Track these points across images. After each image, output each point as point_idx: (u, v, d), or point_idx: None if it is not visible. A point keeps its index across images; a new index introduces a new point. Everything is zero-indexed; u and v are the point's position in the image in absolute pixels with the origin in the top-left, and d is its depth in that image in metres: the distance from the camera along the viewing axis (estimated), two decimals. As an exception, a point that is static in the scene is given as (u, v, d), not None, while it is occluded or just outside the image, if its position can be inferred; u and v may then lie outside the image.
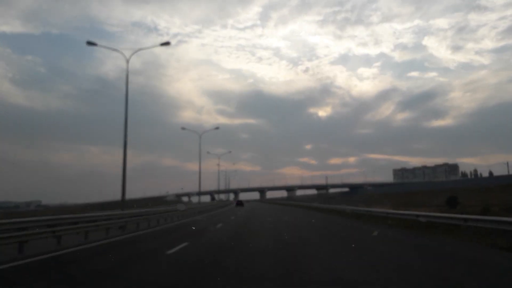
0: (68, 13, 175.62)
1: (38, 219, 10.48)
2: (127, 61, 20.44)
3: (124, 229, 14.08)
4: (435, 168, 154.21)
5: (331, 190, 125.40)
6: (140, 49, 22.06)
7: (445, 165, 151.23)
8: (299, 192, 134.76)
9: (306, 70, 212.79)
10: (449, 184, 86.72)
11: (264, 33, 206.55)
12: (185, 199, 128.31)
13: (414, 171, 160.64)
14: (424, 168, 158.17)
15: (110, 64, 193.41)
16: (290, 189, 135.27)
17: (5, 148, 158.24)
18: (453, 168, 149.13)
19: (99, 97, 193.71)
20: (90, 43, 20.29)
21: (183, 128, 49.48)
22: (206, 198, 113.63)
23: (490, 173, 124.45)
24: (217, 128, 55.28)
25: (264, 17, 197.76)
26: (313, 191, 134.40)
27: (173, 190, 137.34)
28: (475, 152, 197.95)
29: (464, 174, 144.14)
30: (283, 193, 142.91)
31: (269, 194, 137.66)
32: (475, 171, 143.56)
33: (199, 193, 43.29)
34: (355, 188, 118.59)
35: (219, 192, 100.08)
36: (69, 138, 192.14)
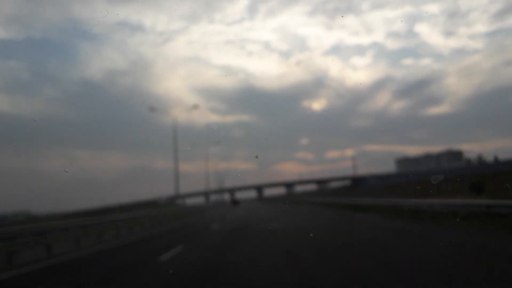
0: (50, 17, 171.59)
1: None
2: None
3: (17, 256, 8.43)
4: (439, 156, 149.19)
5: (333, 184, 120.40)
6: None
7: (449, 152, 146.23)
8: (299, 188, 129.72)
9: (298, 63, 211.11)
10: (456, 171, 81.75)
11: (253, 26, 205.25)
12: (179, 201, 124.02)
13: (417, 160, 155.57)
14: (427, 156, 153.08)
15: (95, 66, 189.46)
16: (289, 185, 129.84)
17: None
18: (457, 155, 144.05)
19: (86, 101, 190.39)
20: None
21: (152, 109, 42.54)
22: (200, 200, 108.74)
23: (495, 159, 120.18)
24: (195, 106, 49.39)
25: (252, 10, 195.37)
26: (313, 186, 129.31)
27: (168, 192, 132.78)
28: (474, 138, 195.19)
29: (468, 161, 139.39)
30: (282, 190, 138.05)
31: (267, 192, 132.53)
32: (480, 157, 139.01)
33: (177, 196, 36.66)
34: (357, 181, 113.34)
35: (208, 192, 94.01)
36: (58, 144, 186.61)
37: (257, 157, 24.41)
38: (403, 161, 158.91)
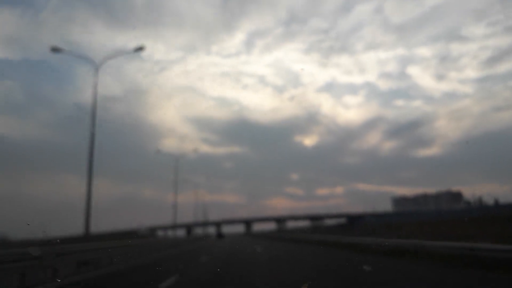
0: (49, 39, 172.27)
1: None
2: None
3: None
4: (438, 196, 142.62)
5: (327, 222, 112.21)
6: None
7: (448, 193, 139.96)
8: (290, 224, 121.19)
9: (292, 98, 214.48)
10: (457, 213, 75.27)
11: (249, 60, 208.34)
12: (160, 233, 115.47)
13: (415, 199, 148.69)
14: (424, 196, 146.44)
15: (90, 92, 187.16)
16: (280, 220, 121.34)
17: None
18: (457, 196, 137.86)
19: (79, 126, 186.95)
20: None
21: (54, 49, 25.82)
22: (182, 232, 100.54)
23: (496, 202, 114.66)
24: (140, 48, 30.48)
25: (249, 44, 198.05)
26: (305, 223, 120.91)
27: (154, 222, 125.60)
28: (463, 181, 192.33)
29: (467, 203, 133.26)
30: (272, 225, 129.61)
31: (257, 226, 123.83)
32: (480, 199, 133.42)
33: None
34: (354, 219, 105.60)
35: (189, 225, 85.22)
36: (46, 168, 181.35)
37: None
38: (400, 200, 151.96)
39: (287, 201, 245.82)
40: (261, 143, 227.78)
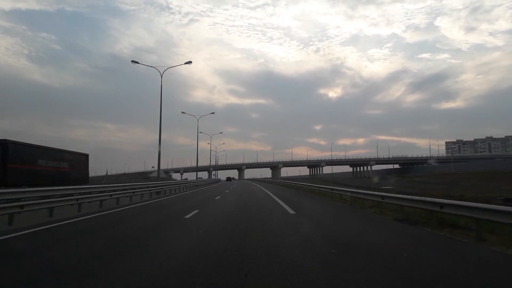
0: None
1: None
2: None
3: None
4: (506, 139, 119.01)
5: (375, 167, 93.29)
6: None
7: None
8: (326, 169, 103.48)
9: (317, 51, 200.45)
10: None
11: (275, 12, 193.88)
12: (176, 175, 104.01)
13: (475, 143, 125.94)
14: (489, 139, 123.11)
15: (124, 42, 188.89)
16: (314, 164, 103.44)
17: (22, 123, 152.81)
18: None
19: (114, 75, 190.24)
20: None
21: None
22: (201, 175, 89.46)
23: None
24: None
25: None
26: (346, 168, 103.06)
27: (178, 166, 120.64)
28: (486, 135, 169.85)
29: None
30: (303, 171, 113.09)
31: (284, 172, 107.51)
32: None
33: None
34: (411, 165, 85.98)
35: (202, 168, 76.97)
36: (85, 115, 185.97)
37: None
38: (456, 144, 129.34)
39: (309, 150, 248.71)
40: (285, 95, 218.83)
